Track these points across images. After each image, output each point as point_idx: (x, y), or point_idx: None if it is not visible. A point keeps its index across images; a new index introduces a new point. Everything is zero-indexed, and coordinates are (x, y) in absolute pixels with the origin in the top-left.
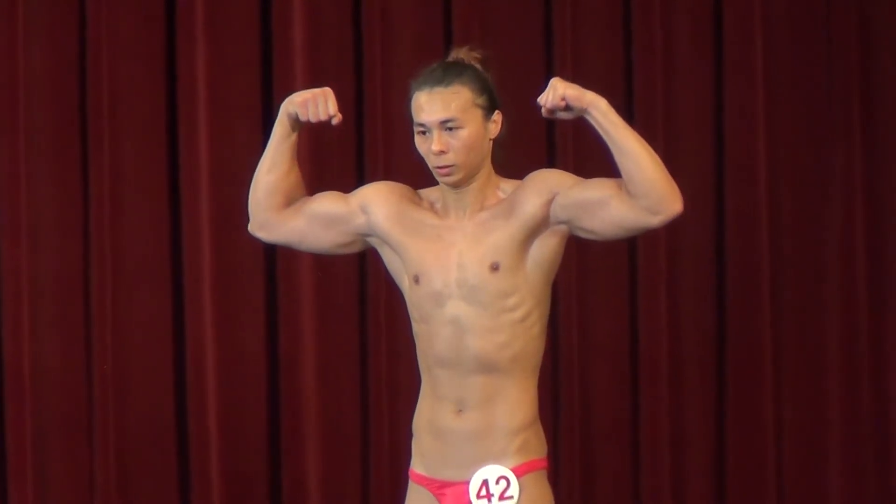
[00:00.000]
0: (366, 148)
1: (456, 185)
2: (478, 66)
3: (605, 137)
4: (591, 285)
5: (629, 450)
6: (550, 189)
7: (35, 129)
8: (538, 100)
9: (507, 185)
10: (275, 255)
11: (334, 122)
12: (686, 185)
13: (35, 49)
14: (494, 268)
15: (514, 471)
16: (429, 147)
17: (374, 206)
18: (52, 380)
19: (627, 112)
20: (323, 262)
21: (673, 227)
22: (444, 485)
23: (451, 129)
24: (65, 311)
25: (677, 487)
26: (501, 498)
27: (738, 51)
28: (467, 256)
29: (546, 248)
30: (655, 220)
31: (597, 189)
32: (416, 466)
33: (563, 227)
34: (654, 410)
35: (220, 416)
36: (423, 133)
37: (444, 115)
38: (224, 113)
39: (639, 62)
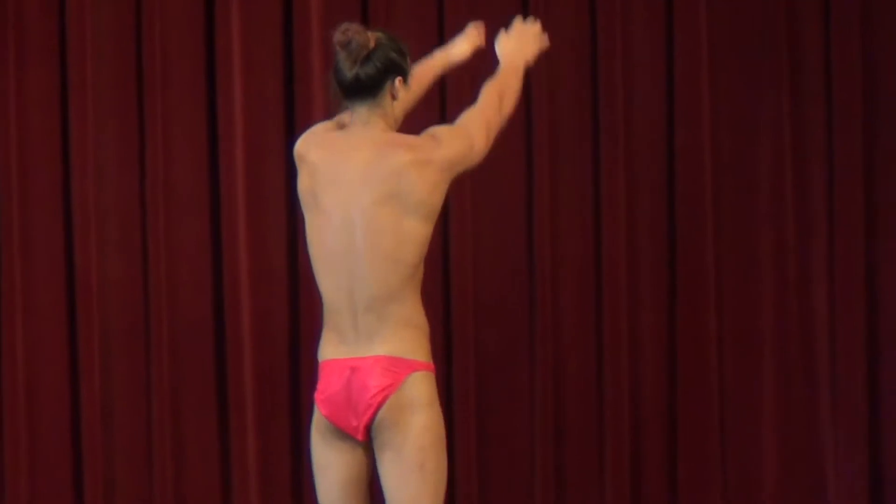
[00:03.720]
0: None
1: None
2: None
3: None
4: (563, 212)
5: (594, 352)
6: None
7: (100, 82)
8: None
9: None
10: (295, 186)
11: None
12: (641, 128)
13: (101, 15)
14: None
15: None
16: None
17: None
18: (115, 291)
19: (592, 69)
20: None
21: (630, 163)
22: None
23: None
24: (125, 234)
25: (634, 388)
26: None
27: (685, 9)
28: None
29: None
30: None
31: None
32: None
33: None
34: (616, 318)
35: (252, 318)
36: None
37: None
38: (254, 68)
39: (601, 24)
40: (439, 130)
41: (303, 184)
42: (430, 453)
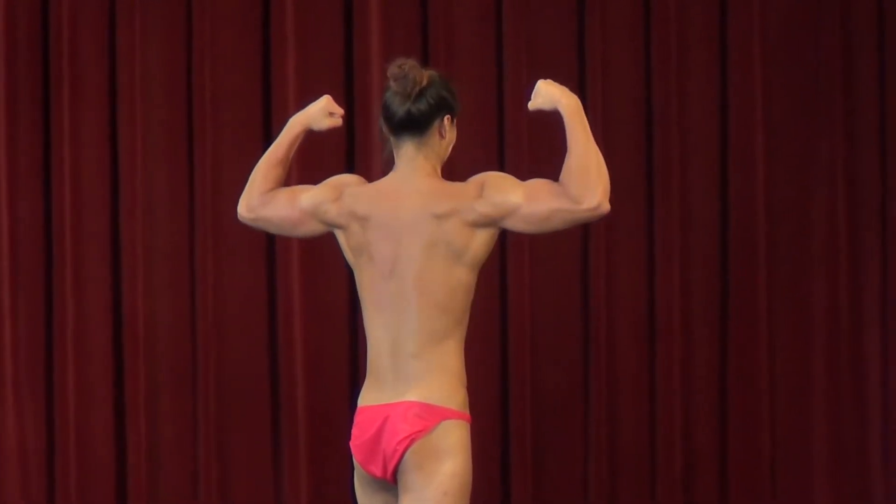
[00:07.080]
0: None
1: None
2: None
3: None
4: (618, 256)
5: (647, 394)
6: None
7: (149, 124)
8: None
9: None
10: None
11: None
12: (695, 173)
13: (151, 56)
14: None
15: None
16: None
17: None
18: (162, 333)
19: (647, 113)
20: None
21: (684, 206)
22: None
23: None
24: (173, 275)
25: (686, 430)
26: None
27: (740, 54)
28: None
29: None
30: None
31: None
32: None
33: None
34: (669, 361)
35: (305, 362)
36: None
37: None
38: None
39: (656, 68)
40: (493, 178)
41: (353, 238)
42: (452, 500)
